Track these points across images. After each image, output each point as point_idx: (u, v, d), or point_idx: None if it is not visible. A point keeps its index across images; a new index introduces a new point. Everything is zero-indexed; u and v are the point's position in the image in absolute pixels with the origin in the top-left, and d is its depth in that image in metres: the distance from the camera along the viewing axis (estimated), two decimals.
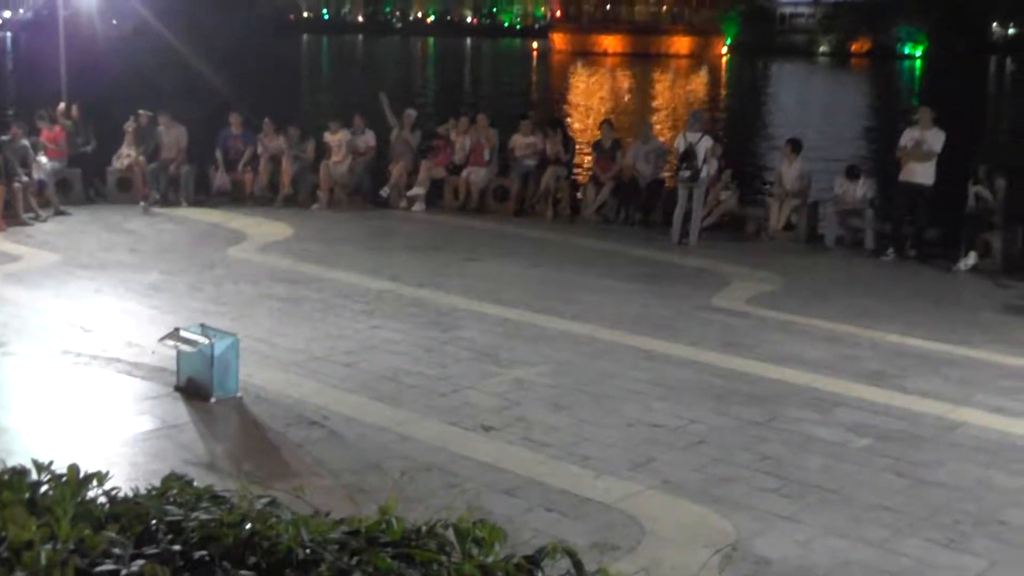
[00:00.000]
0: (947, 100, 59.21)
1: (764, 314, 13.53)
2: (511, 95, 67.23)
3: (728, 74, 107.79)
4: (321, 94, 64.63)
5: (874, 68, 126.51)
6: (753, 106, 65.56)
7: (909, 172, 17.35)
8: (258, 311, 12.84)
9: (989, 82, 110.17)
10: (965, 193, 17.07)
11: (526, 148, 20.73)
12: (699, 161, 17.87)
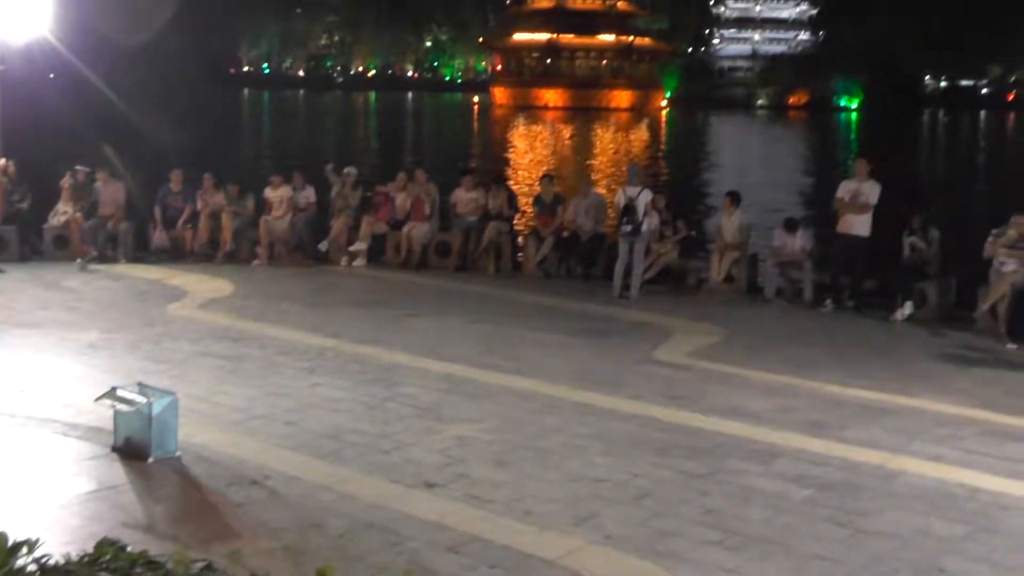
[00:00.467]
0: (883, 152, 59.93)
1: (705, 367, 13.58)
2: (453, 149, 67.39)
3: (668, 127, 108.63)
4: (262, 149, 64.51)
5: (811, 120, 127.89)
6: (693, 159, 66.07)
7: (846, 224, 17.53)
8: (198, 369, 12.75)
9: (923, 134, 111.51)
10: (901, 244, 17.26)
11: (468, 203, 20.78)
12: (639, 215, 17.97)
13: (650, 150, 73.63)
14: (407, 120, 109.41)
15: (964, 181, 57.61)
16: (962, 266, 17.73)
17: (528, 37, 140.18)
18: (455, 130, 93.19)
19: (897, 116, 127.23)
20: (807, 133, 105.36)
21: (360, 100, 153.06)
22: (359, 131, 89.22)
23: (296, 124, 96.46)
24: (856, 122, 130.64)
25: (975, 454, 10.35)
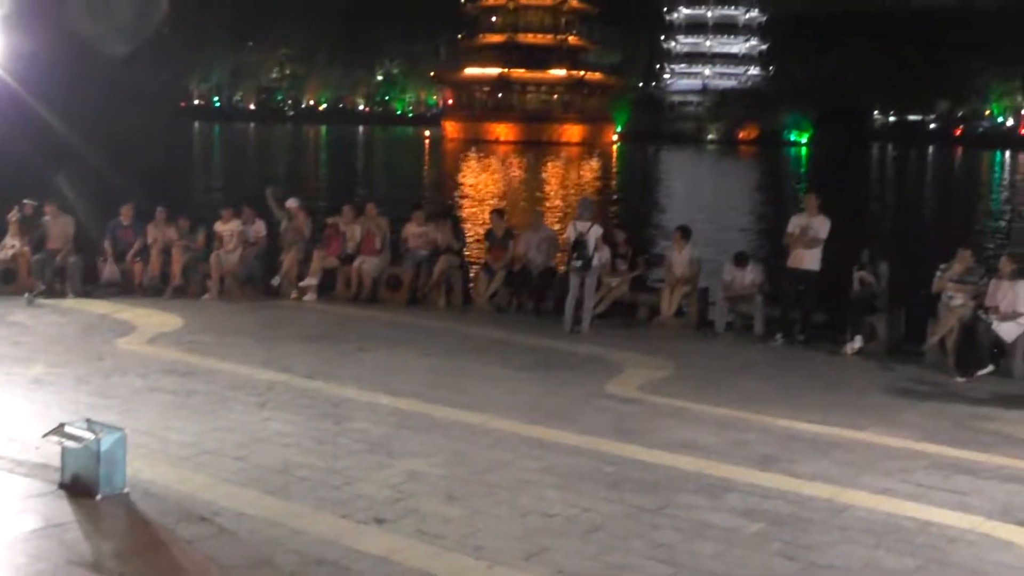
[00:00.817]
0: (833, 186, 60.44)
1: (656, 401, 13.61)
2: (404, 183, 67.42)
3: (619, 161, 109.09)
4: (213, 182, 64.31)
5: (761, 154, 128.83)
6: (644, 193, 66.36)
7: (796, 258, 17.66)
8: (147, 404, 12.66)
9: (872, 168, 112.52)
10: (850, 278, 17.39)
11: (419, 237, 20.79)
12: (590, 250, 18.03)
13: (601, 184, 73.92)
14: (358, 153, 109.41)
15: (912, 215, 58.16)
16: (911, 300, 17.88)
17: (479, 71, 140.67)
18: (406, 164, 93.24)
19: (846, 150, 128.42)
20: (757, 167, 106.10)
21: (311, 133, 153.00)
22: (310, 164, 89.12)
23: (247, 157, 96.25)
24: (806, 156, 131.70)
25: (924, 487, 10.42)
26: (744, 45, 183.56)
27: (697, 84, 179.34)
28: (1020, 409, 13.83)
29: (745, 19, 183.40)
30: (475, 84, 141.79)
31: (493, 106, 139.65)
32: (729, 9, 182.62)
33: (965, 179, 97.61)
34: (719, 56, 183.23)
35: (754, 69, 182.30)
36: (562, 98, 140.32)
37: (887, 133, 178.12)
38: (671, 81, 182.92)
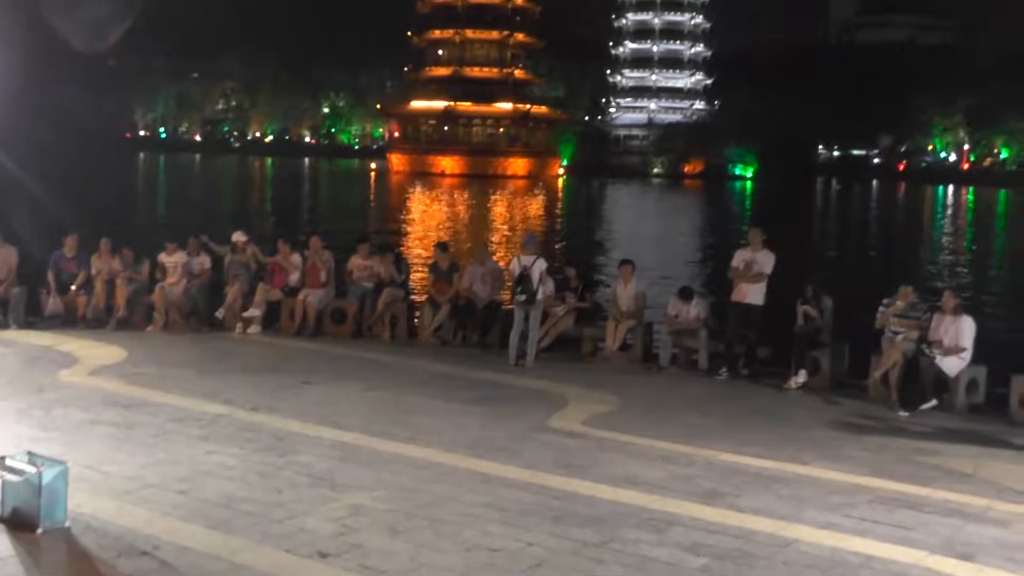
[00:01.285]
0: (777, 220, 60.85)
1: (601, 435, 13.64)
2: (349, 216, 67.35)
3: (565, 194, 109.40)
4: (157, 214, 63.98)
5: (707, 188, 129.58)
6: (589, 226, 66.60)
7: (740, 292, 17.78)
8: (89, 437, 12.57)
9: (816, 202, 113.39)
10: (794, 312, 17.52)
11: (363, 270, 20.79)
12: (534, 283, 18.09)
13: (546, 218, 74.11)
14: (303, 185, 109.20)
15: (856, 250, 58.66)
16: (855, 334, 18.02)
17: (425, 104, 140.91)
18: (351, 196, 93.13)
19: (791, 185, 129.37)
20: (702, 201, 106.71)
21: (257, 165, 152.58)
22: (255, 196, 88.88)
23: (192, 188, 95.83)
24: (751, 190, 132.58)
25: (867, 522, 10.50)
26: (689, 80, 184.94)
27: (643, 118, 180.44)
28: (963, 443, 13.97)
29: (690, 54, 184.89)
30: (421, 117, 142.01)
31: (439, 139, 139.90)
32: (674, 44, 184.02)
33: (908, 214, 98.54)
34: (665, 90, 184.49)
35: (699, 103, 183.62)
36: (508, 131, 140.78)
37: (831, 167, 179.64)
38: (617, 115, 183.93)
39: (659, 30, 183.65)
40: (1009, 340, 24.70)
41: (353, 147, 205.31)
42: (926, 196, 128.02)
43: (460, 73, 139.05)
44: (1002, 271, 50.08)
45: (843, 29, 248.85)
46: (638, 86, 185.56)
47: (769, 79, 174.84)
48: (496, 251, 41.69)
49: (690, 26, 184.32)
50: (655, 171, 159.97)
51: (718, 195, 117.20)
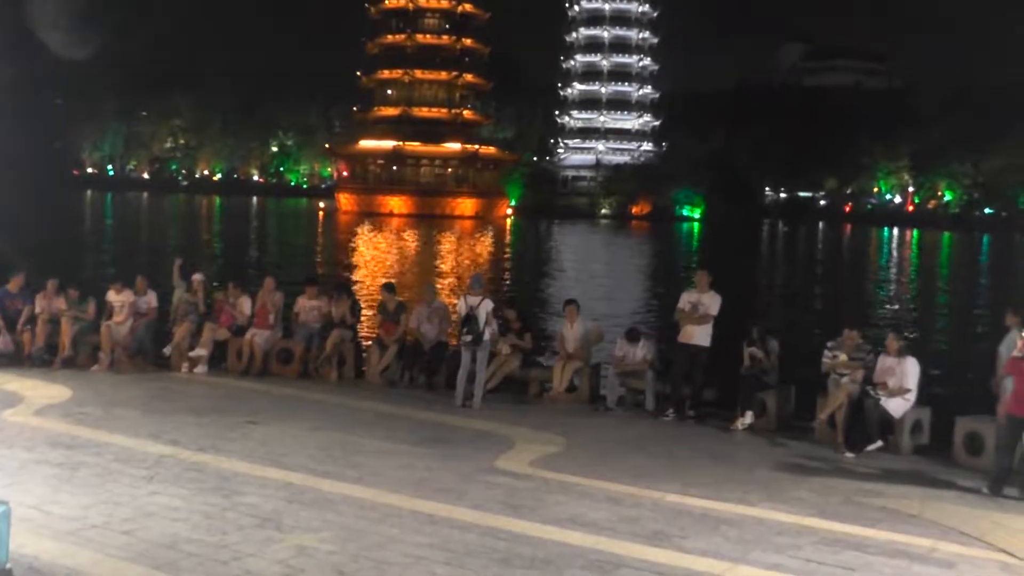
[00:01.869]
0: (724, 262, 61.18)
1: (547, 476, 13.64)
2: (297, 255, 67.17)
3: (512, 235, 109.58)
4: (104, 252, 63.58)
5: (654, 229, 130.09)
6: (536, 267, 66.71)
7: (687, 334, 17.87)
8: (32, 477, 12.45)
9: (763, 244, 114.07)
10: (741, 354, 17.61)
11: (311, 311, 20.76)
12: (480, 324, 18.13)
13: (494, 258, 74.19)
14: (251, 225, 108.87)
15: (802, 291, 59.02)
16: (801, 376, 18.14)
17: (374, 144, 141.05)
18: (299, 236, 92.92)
19: (738, 226, 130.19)
20: (649, 242, 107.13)
21: (204, 204, 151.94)
22: (203, 235, 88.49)
23: (139, 227, 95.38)
24: (698, 232, 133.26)
25: (814, 563, 10.54)
26: (637, 121, 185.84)
27: (590, 159, 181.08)
28: (908, 485, 14.06)
29: (638, 96, 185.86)
30: (369, 157, 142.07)
31: (387, 179, 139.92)
32: (622, 86, 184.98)
33: (854, 256, 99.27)
34: (612, 132, 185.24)
35: (647, 145, 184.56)
36: (456, 172, 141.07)
37: (778, 209, 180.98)
38: (565, 156, 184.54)
39: (607, 72, 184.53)
40: (953, 381, 24.94)
41: (302, 186, 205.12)
42: (871, 238, 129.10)
43: (409, 113, 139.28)
44: (945, 312, 50.52)
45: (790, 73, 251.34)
46: (586, 127, 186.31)
47: (716, 121, 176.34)
48: (443, 291, 41.69)
49: (638, 68, 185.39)
50: (603, 212, 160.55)
51: (665, 236, 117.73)
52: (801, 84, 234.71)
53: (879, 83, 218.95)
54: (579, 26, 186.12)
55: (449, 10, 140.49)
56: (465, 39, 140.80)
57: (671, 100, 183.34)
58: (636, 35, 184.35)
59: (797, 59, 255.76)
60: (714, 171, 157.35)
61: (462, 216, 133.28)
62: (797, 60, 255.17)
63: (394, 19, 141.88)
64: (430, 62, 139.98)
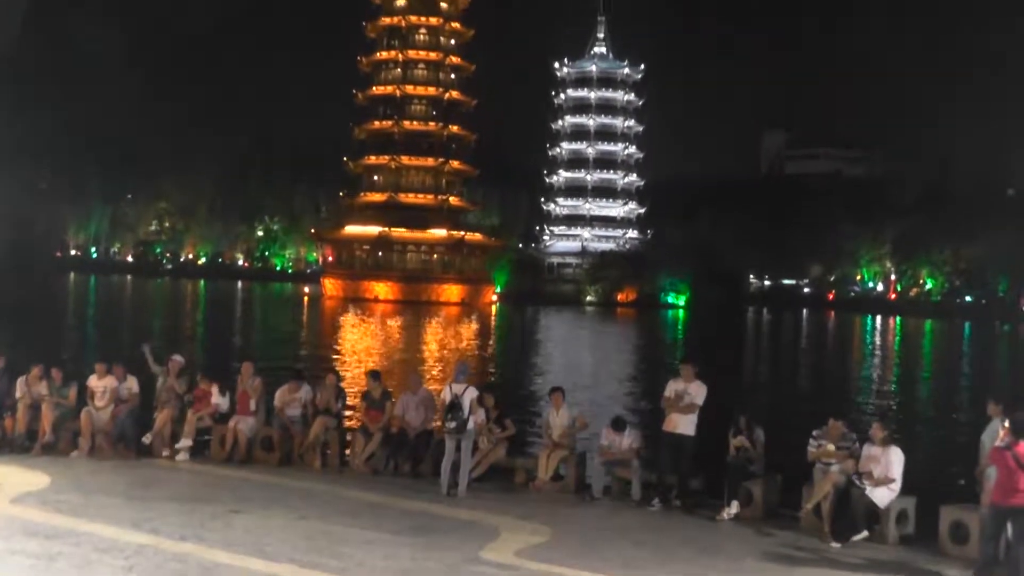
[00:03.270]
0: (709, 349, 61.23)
1: (533, 567, 13.52)
2: (281, 341, 67.04)
3: (498, 322, 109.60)
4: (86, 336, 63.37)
5: (639, 317, 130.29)
6: (522, 354, 66.61)
7: (672, 423, 17.81)
8: (7, 569, 12.30)
9: (748, 331, 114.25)
10: (727, 443, 17.55)
11: (291, 403, 20.66)
12: (465, 412, 18.05)
13: (479, 345, 74.11)
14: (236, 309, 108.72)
15: (788, 379, 59.02)
16: (787, 465, 18.06)
17: (360, 229, 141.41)
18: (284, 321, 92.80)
19: (723, 314, 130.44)
20: (635, 330, 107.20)
21: (189, 288, 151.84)
22: (187, 319, 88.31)
23: (123, 310, 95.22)
24: (683, 319, 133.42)
25: None
26: (622, 208, 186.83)
27: (576, 246, 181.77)
28: (894, 574, 13.98)
29: (623, 183, 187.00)
30: (355, 242, 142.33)
31: (373, 264, 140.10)
32: (608, 173, 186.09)
33: (838, 343, 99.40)
34: (598, 219, 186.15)
35: (632, 232, 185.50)
36: (442, 258, 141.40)
37: (762, 297, 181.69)
38: (551, 243, 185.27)
39: (593, 159, 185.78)
40: (938, 470, 24.88)
41: (287, 271, 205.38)
42: (855, 325, 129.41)
43: (395, 199, 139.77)
44: (929, 401, 50.53)
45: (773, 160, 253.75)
46: (572, 214, 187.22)
47: (701, 209, 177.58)
48: (429, 378, 41.58)
49: (623, 156, 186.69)
50: (589, 299, 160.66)
51: (651, 323, 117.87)
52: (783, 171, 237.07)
53: (860, 170, 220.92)
54: (565, 114, 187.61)
55: (436, 97, 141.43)
56: (452, 126, 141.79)
57: (656, 187, 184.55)
58: (621, 123, 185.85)
59: (779, 147, 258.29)
60: (699, 258, 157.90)
61: (448, 302, 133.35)
62: (779, 148, 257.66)
63: (382, 106, 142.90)
64: (417, 148, 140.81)
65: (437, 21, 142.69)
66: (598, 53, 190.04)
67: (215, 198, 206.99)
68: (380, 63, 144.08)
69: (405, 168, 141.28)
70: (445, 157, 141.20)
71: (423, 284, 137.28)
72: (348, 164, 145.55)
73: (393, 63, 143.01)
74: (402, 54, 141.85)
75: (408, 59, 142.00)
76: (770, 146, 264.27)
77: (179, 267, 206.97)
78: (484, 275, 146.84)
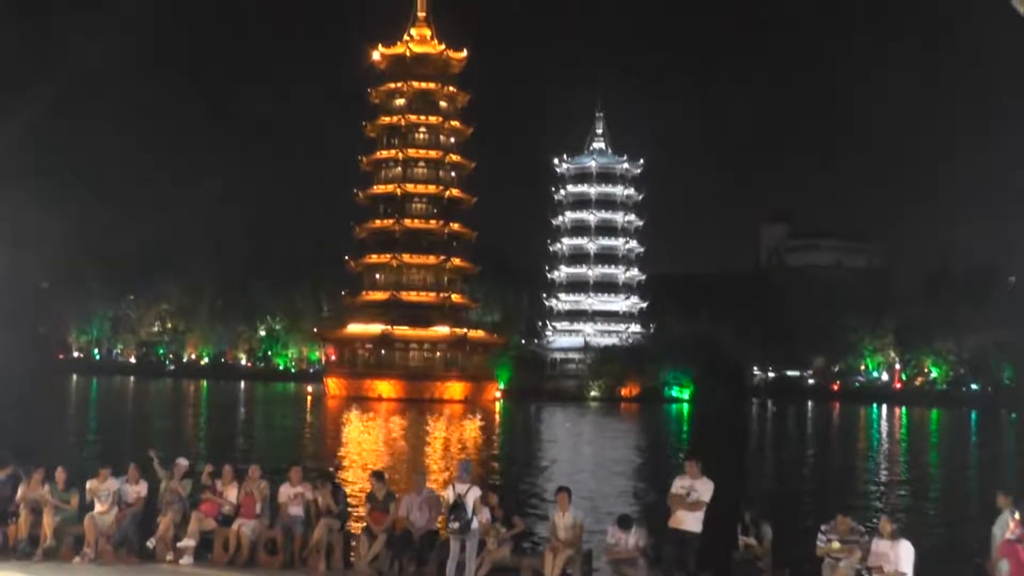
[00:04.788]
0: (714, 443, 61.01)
1: None
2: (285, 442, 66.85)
3: (501, 419, 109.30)
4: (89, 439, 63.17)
5: (644, 411, 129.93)
6: (526, 452, 66.37)
7: (678, 520, 17.74)
8: None
9: (752, 424, 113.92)
10: (734, 539, 17.46)
11: (297, 500, 20.58)
12: (468, 512, 17.98)
13: (483, 443, 73.86)
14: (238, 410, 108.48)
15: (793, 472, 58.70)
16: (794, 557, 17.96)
17: (362, 328, 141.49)
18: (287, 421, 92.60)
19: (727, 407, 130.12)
20: (639, 425, 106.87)
21: (192, 388, 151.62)
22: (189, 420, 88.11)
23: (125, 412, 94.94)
24: (687, 413, 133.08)
25: None
26: (625, 303, 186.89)
27: (579, 341, 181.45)
28: None
29: (625, 278, 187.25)
30: (358, 341, 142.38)
31: (375, 363, 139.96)
32: (609, 268, 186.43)
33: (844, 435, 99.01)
34: (600, 314, 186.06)
35: (635, 326, 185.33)
36: (445, 356, 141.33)
37: (766, 389, 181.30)
38: (553, 338, 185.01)
39: (594, 254, 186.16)
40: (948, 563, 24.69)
41: (290, 370, 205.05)
42: (860, 416, 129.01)
43: (397, 297, 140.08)
44: (937, 493, 50.23)
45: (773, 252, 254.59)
46: (574, 309, 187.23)
47: (703, 302, 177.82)
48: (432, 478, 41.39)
49: (624, 250, 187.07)
50: (592, 394, 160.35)
51: (655, 418, 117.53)
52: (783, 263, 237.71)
53: (861, 261, 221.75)
54: (565, 209, 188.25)
55: (436, 195, 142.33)
56: (453, 223, 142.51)
57: (657, 281, 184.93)
58: (622, 218, 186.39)
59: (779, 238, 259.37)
60: (702, 351, 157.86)
61: (451, 400, 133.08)
62: (779, 239, 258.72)
63: (382, 204, 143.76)
64: (418, 246, 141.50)
65: (436, 120, 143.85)
66: (597, 148, 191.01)
67: (216, 298, 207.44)
68: (380, 162, 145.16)
69: (406, 266, 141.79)
70: (446, 255, 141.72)
71: (426, 382, 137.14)
72: (349, 263, 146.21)
73: (393, 162, 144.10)
74: (402, 152, 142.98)
75: (408, 157, 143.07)
76: (770, 238, 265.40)
77: (181, 368, 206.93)
78: (487, 372, 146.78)
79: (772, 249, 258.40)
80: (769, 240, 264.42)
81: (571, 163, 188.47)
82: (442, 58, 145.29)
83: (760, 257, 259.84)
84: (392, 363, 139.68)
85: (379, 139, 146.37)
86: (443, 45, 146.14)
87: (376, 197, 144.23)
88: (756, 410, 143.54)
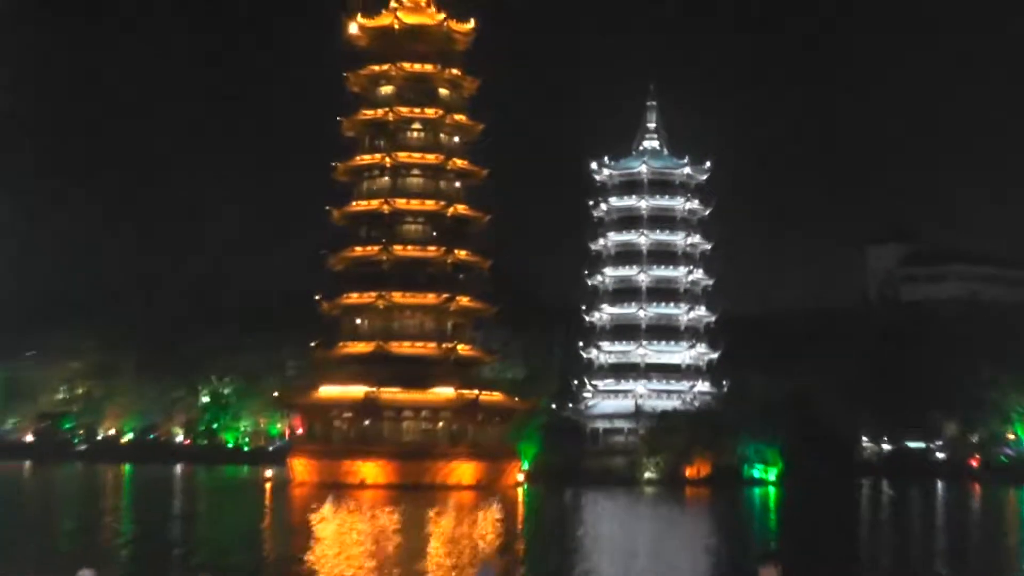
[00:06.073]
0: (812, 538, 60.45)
1: None
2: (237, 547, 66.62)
3: (527, 509, 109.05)
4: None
5: (716, 497, 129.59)
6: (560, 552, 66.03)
7: None
8: None
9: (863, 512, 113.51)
10: None
11: None
12: None
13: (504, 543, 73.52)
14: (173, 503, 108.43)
15: None
16: None
17: (339, 390, 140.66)
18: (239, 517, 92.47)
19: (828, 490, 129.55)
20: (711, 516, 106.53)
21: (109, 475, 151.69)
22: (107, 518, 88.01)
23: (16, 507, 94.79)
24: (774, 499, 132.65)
25: None
26: (688, 353, 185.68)
27: (628, 405, 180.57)
28: None
29: (688, 320, 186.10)
30: (333, 408, 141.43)
31: (357, 437, 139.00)
32: (667, 307, 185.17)
33: (987, 528, 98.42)
34: (655, 368, 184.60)
35: (702, 384, 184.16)
36: (449, 427, 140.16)
37: (881, 466, 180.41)
38: (594, 402, 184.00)
39: (647, 289, 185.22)
40: None
41: (242, 449, 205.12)
42: (1010, 501, 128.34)
43: (385, 350, 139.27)
44: None
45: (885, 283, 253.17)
46: (621, 363, 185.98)
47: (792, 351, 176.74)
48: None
49: (686, 283, 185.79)
50: (647, 476, 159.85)
51: (732, 507, 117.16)
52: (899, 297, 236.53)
53: (1001, 292, 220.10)
54: (608, 230, 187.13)
55: (437, 213, 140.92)
56: (458, 250, 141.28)
57: (732, 324, 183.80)
58: (683, 240, 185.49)
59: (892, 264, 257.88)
60: (793, 417, 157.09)
61: (459, 485, 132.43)
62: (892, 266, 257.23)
63: (365, 226, 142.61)
64: (413, 281, 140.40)
65: (435, 113, 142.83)
66: (649, 148, 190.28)
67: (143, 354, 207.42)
68: (361, 169, 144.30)
69: (398, 308, 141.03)
70: (450, 292, 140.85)
71: (425, 462, 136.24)
72: (322, 304, 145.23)
73: (379, 169, 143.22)
74: (390, 157, 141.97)
75: (398, 163, 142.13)
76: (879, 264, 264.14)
77: (96, 447, 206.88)
78: (506, 448, 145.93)
79: (883, 279, 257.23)
80: (879, 266, 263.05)
81: (615, 168, 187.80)
82: (442, 31, 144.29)
83: (867, 289, 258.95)
84: (379, 437, 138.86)
85: (360, 140, 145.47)
86: (443, 14, 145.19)
87: (357, 216, 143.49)
88: (867, 493, 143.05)
